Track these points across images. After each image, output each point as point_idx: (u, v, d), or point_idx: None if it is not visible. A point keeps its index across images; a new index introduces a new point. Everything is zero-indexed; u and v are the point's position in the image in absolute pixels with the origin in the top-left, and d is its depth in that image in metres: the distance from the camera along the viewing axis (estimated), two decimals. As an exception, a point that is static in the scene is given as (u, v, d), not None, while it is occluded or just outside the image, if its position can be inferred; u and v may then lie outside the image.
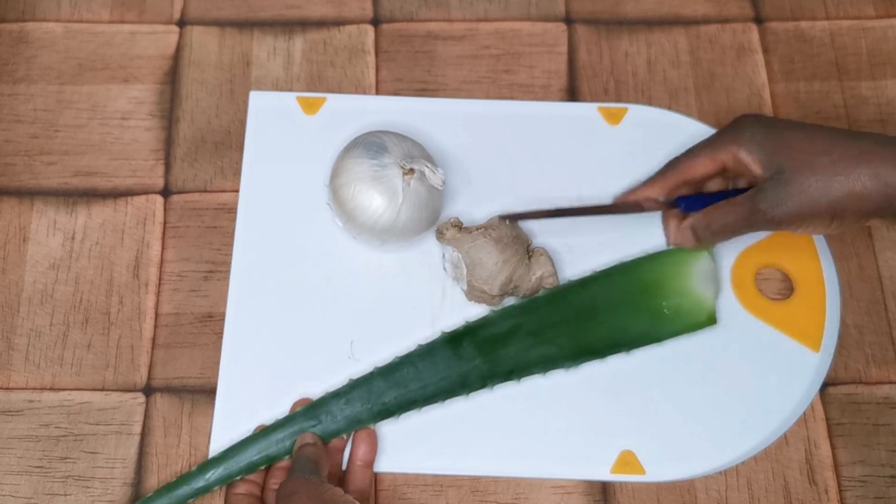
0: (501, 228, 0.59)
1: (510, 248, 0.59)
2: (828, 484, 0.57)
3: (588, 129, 0.66)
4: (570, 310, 0.59)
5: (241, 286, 0.61)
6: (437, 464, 0.57)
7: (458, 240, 0.59)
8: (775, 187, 0.55)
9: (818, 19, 0.70)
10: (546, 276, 0.59)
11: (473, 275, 0.59)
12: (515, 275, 0.59)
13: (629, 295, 0.59)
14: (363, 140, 0.59)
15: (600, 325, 0.59)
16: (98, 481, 0.57)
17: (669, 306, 0.59)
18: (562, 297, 0.59)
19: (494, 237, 0.59)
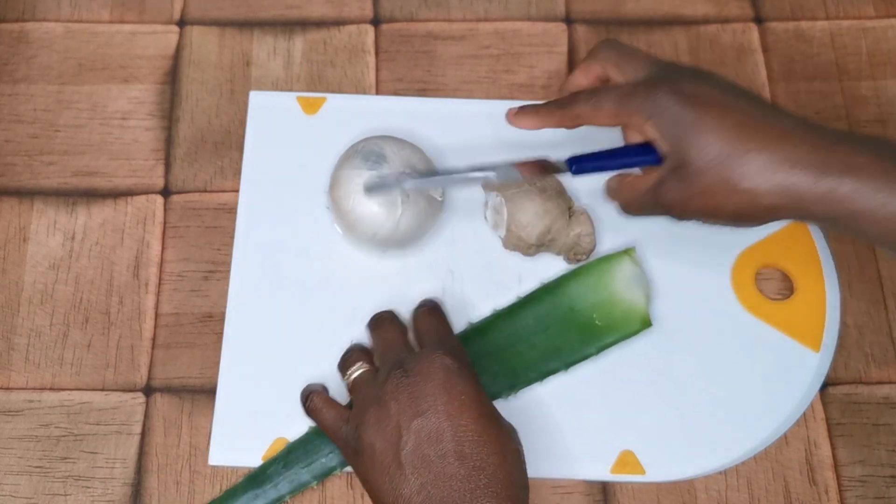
0: (547, 180, 0.60)
1: (553, 199, 0.59)
2: (828, 484, 0.57)
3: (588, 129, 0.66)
4: (499, 339, 0.59)
5: (241, 286, 0.61)
6: (437, 464, 0.57)
7: (504, 185, 0.60)
8: (678, 181, 0.51)
9: (818, 19, 0.70)
10: (584, 235, 0.59)
11: (514, 220, 0.59)
12: (554, 227, 0.59)
13: (557, 314, 0.59)
14: (362, 148, 0.59)
15: (532, 349, 0.58)
16: (98, 481, 0.57)
17: (600, 317, 0.59)
18: (489, 327, 0.59)
19: (539, 186, 0.59)
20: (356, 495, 0.57)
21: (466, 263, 0.62)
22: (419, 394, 0.49)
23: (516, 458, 0.49)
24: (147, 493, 0.57)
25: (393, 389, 0.50)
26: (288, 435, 0.58)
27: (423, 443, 0.48)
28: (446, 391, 0.49)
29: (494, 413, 0.50)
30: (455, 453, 0.48)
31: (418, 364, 0.51)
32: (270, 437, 0.58)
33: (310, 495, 0.57)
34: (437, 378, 0.50)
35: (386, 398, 0.50)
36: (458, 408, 0.49)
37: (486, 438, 0.48)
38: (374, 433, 0.50)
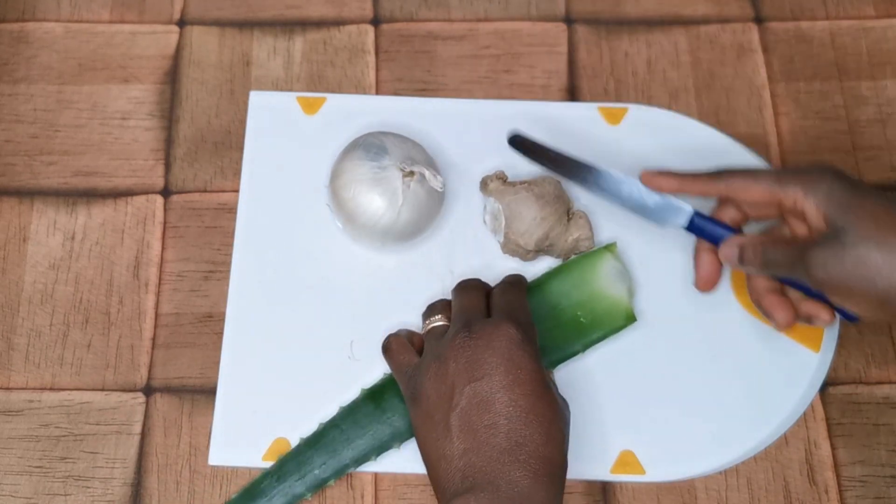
0: (545, 186, 0.60)
1: (550, 205, 0.59)
2: (828, 484, 0.57)
3: (588, 129, 0.66)
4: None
5: (241, 286, 0.61)
6: (437, 464, 0.57)
7: (501, 192, 0.60)
8: (831, 248, 0.50)
9: (818, 19, 0.70)
10: (582, 239, 0.59)
11: (511, 227, 0.59)
12: (553, 233, 0.59)
13: (541, 313, 0.58)
14: (363, 141, 0.59)
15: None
16: (98, 481, 0.57)
17: (585, 314, 0.59)
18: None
19: (536, 193, 0.59)
20: (356, 495, 0.57)
21: (467, 263, 0.62)
22: (478, 359, 0.50)
23: (560, 439, 0.50)
24: (147, 493, 0.57)
25: (455, 349, 0.51)
26: (288, 435, 0.58)
27: (473, 409, 0.49)
28: (504, 361, 0.50)
29: (548, 392, 0.50)
30: (501, 426, 0.48)
31: (484, 329, 0.51)
32: (270, 437, 0.58)
33: (310, 495, 0.57)
34: (498, 346, 0.50)
35: (447, 356, 0.51)
36: (513, 380, 0.49)
37: (533, 415, 0.49)
38: (431, 387, 0.51)
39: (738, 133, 0.66)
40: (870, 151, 0.66)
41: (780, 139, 0.66)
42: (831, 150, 0.66)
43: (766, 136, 0.66)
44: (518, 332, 0.51)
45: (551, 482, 0.48)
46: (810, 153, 0.66)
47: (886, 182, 0.65)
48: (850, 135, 0.66)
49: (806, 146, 0.66)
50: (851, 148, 0.66)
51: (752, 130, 0.66)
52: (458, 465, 0.48)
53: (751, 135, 0.66)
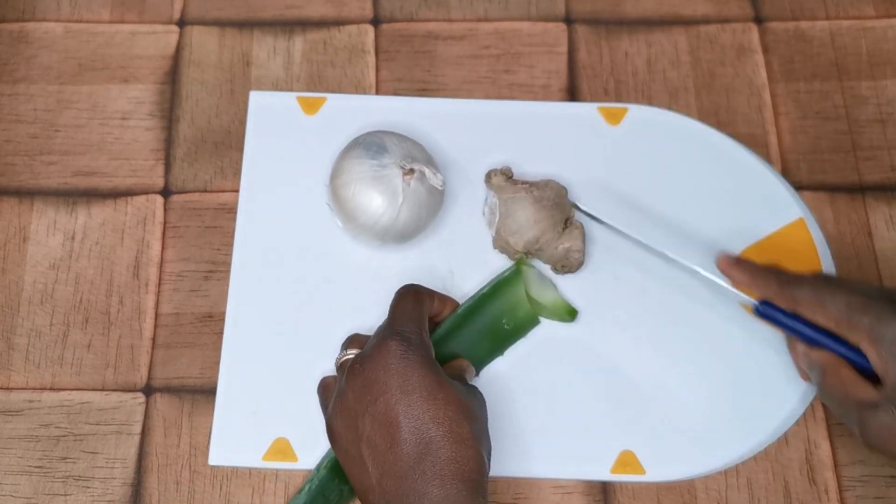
0: (546, 190, 0.60)
1: (546, 210, 0.59)
2: (828, 484, 0.57)
3: (588, 129, 0.66)
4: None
5: (241, 286, 0.61)
6: (437, 464, 0.57)
7: (502, 188, 0.60)
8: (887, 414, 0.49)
9: (818, 19, 0.70)
10: (573, 251, 0.59)
11: (504, 225, 0.59)
12: (543, 238, 0.59)
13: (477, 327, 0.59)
14: (363, 140, 0.59)
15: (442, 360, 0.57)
16: (98, 481, 0.57)
17: (510, 321, 0.59)
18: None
19: (535, 196, 0.59)
20: (356, 495, 0.57)
21: (467, 263, 0.62)
22: (371, 381, 0.50)
23: (468, 435, 0.48)
24: (147, 493, 0.57)
25: (351, 379, 0.51)
26: (288, 435, 0.58)
27: (376, 433, 0.49)
28: (393, 375, 0.49)
29: (444, 391, 0.49)
30: (403, 441, 0.48)
31: (370, 351, 0.51)
32: (270, 437, 0.58)
33: (310, 495, 0.57)
34: (385, 363, 0.50)
35: (345, 389, 0.51)
36: (405, 391, 0.49)
37: (431, 419, 0.48)
38: (339, 423, 0.51)
39: (738, 133, 0.66)
40: (870, 151, 0.66)
41: (780, 139, 0.66)
42: (831, 150, 0.66)
43: (766, 136, 0.66)
44: (400, 343, 0.50)
45: (462, 486, 0.47)
46: (810, 153, 0.66)
47: (886, 182, 0.65)
48: (850, 135, 0.66)
49: (806, 146, 0.66)
50: (851, 148, 0.66)
51: (752, 130, 0.66)
52: (378, 493, 0.48)
53: (751, 135, 0.66)
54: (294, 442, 0.58)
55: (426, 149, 0.61)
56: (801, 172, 0.65)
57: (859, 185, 0.65)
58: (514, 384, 0.59)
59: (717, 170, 0.64)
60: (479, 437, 0.49)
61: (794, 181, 0.65)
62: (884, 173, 0.65)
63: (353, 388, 0.50)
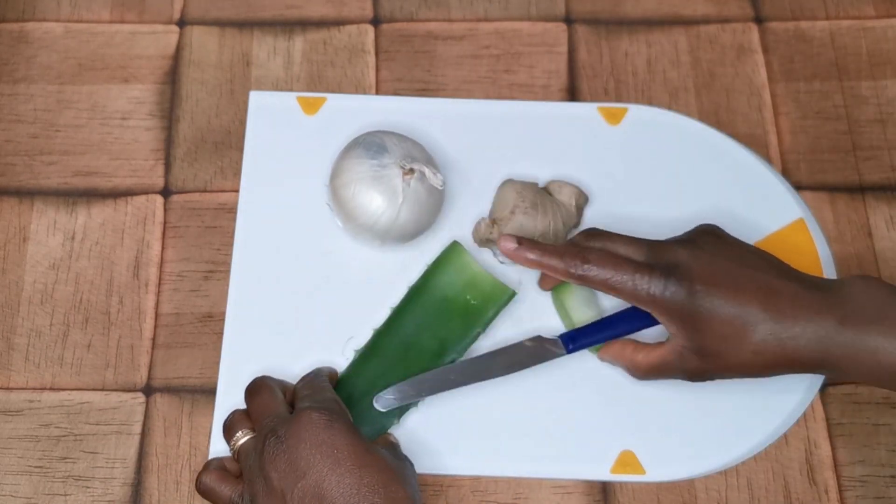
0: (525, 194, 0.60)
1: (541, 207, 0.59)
2: (828, 484, 0.57)
3: (588, 129, 0.66)
4: (387, 355, 0.59)
5: (241, 286, 0.61)
6: (437, 464, 0.57)
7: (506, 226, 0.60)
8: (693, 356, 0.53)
9: (818, 19, 0.70)
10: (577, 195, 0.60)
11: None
12: (555, 223, 0.60)
13: (433, 308, 0.59)
14: (363, 140, 0.59)
15: (423, 352, 0.58)
16: (98, 481, 0.57)
17: (474, 296, 0.59)
18: (374, 349, 0.59)
19: (529, 204, 0.59)
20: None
21: (466, 263, 0.62)
22: (295, 457, 0.48)
23: (402, 497, 0.48)
24: (147, 493, 0.57)
25: (271, 458, 0.49)
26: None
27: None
28: (319, 448, 0.48)
29: (373, 458, 0.49)
30: None
31: (289, 426, 0.49)
32: (270, 437, 0.58)
33: None
34: (308, 437, 0.49)
35: (267, 468, 0.49)
36: (334, 462, 0.48)
37: (365, 489, 0.47)
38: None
39: (737, 133, 0.66)
40: (870, 151, 0.66)
41: (780, 139, 0.66)
42: (831, 150, 0.66)
43: (766, 136, 0.66)
44: (321, 414, 0.49)
45: None
46: (810, 153, 0.66)
47: (886, 182, 0.65)
48: (850, 135, 0.66)
49: (806, 146, 0.66)
50: (851, 148, 0.66)
51: (752, 130, 0.66)
52: None
53: (751, 135, 0.66)
54: (294, 442, 0.57)
55: (426, 149, 0.61)
56: (801, 172, 0.65)
57: (859, 185, 0.65)
58: (514, 384, 0.59)
59: (716, 170, 0.64)
60: (413, 501, 0.49)
61: (794, 181, 0.65)
62: (884, 173, 0.65)
63: (275, 468, 0.48)
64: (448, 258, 0.60)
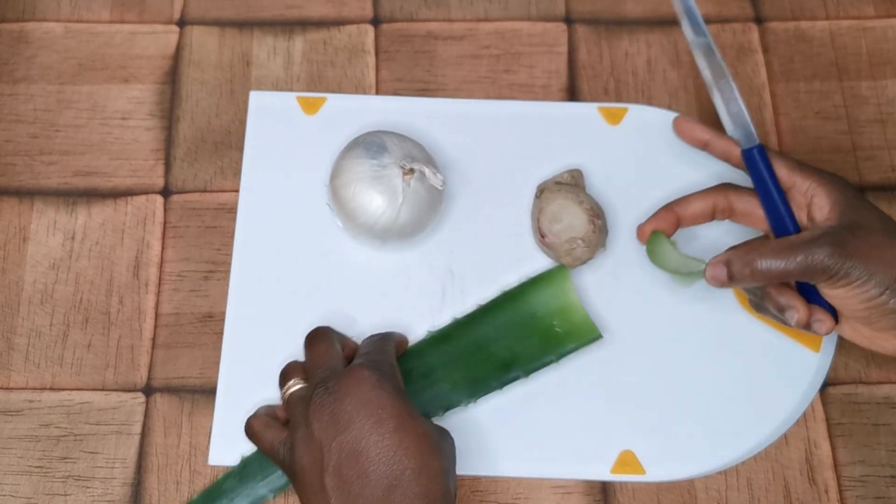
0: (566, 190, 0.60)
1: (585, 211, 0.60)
2: (828, 484, 0.57)
3: (588, 129, 0.66)
4: (458, 348, 0.59)
5: (241, 286, 0.61)
6: (437, 464, 0.57)
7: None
8: (841, 235, 0.51)
9: (818, 19, 0.70)
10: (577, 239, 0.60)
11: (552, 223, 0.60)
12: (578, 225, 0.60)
13: (517, 321, 0.59)
14: (363, 140, 0.59)
15: (492, 357, 0.58)
16: (98, 481, 0.57)
17: (560, 324, 0.59)
18: (448, 337, 0.59)
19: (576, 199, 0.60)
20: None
21: (466, 263, 0.62)
22: (339, 411, 0.49)
23: (438, 469, 0.48)
24: (147, 493, 0.57)
25: (316, 408, 0.49)
26: (288, 435, 0.58)
27: (343, 462, 0.48)
28: (365, 406, 0.49)
29: (417, 425, 0.49)
30: (372, 472, 0.47)
31: (340, 380, 0.50)
32: (270, 437, 0.58)
33: (310, 495, 0.57)
34: (356, 393, 0.49)
35: (311, 418, 0.50)
36: (376, 422, 0.48)
37: (402, 451, 0.48)
38: (302, 454, 0.49)
39: (738, 133, 0.66)
40: (870, 151, 0.66)
41: (780, 139, 0.66)
42: (831, 150, 0.66)
43: (766, 136, 0.66)
44: (373, 373, 0.50)
45: None
46: (810, 153, 0.66)
47: (886, 182, 0.65)
48: (850, 135, 0.66)
49: (806, 146, 0.66)
50: (851, 148, 0.66)
51: (752, 130, 0.66)
52: None
53: (751, 135, 0.66)
54: (294, 442, 0.58)
55: (426, 149, 0.61)
56: (801, 172, 0.65)
57: (859, 185, 0.65)
58: (514, 384, 0.59)
59: (717, 170, 0.64)
60: (448, 475, 0.49)
61: (794, 181, 0.65)
62: (884, 173, 0.65)
63: (319, 419, 0.49)
64: (550, 278, 0.60)
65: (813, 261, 0.51)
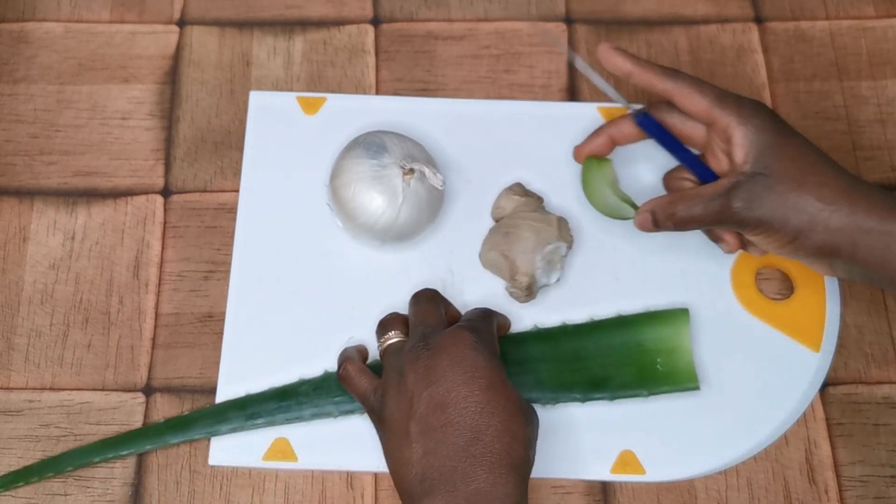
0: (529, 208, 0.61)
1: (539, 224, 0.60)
2: (828, 484, 0.57)
3: (588, 129, 0.66)
4: (558, 350, 0.59)
5: (241, 286, 0.61)
6: (438, 464, 0.57)
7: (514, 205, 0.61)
8: (753, 187, 0.53)
9: (818, 19, 0.70)
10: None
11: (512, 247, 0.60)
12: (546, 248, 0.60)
13: (623, 347, 0.59)
14: (363, 140, 0.59)
15: (586, 370, 0.58)
16: (98, 481, 0.57)
17: (664, 363, 0.58)
18: (555, 335, 0.59)
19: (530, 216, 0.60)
20: (356, 495, 0.57)
21: (467, 263, 0.62)
22: (434, 366, 0.50)
23: (521, 434, 0.49)
24: (147, 493, 0.57)
25: (412, 361, 0.51)
26: (288, 435, 0.58)
27: (430, 412, 0.49)
28: (459, 362, 0.50)
29: (506, 387, 0.50)
30: (457, 422, 0.48)
31: (439, 338, 0.52)
32: (270, 437, 0.58)
33: (310, 496, 0.57)
34: (452, 351, 0.51)
35: (406, 369, 0.51)
36: (468, 378, 0.50)
37: (489, 408, 0.49)
38: (393, 403, 0.51)
39: (738, 133, 0.66)
40: (870, 151, 0.66)
41: (780, 139, 0.66)
42: (831, 150, 0.65)
43: (766, 136, 0.66)
44: (472, 335, 0.51)
45: (510, 475, 0.48)
46: (810, 153, 0.66)
47: (886, 182, 0.65)
48: (850, 135, 0.66)
49: (806, 146, 0.66)
50: (851, 148, 0.66)
51: (752, 130, 0.66)
52: (417, 469, 0.48)
53: (751, 135, 0.66)
54: (294, 442, 0.58)
55: (426, 149, 0.61)
56: (801, 172, 0.65)
57: (859, 185, 0.65)
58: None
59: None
60: (530, 443, 0.50)
61: (794, 181, 0.65)
62: (884, 173, 0.65)
63: (414, 370, 0.51)
64: (669, 317, 0.59)
65: (727, 212, 0.54)
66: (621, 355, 0.59)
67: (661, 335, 0.59)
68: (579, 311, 0.60)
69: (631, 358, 0.58)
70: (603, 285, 0.61)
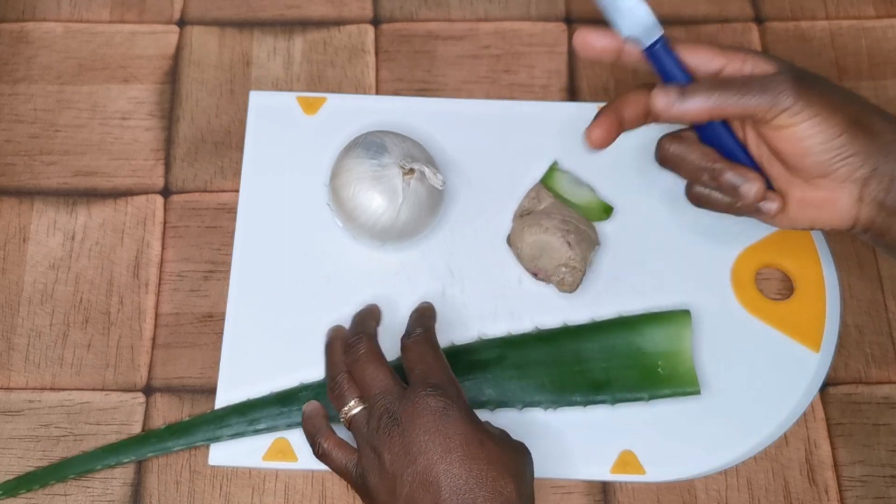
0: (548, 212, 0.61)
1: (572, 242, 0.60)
2: (828, 484, 0.57)
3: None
4: (559, 353, 0.59)
5: (241, 286, 0.61)
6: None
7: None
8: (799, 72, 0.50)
9: (818, 19, 0.70)
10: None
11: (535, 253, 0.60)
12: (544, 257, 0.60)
13: (624, 350, 0.58)
14: (363, 140, 0.59)
15: (587, 373, 0.58)
16: (98, 481, 0.57)
17: (664, 367, 0.58)
18: (552, 340, 0.59)
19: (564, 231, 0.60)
20: (355, 495, 0.57)
21: (467, 264, 0.62)
22: (410, 441, 0.49)
23: (510, 492, 0.48)
24: (147, 493, 0.57)
25: (386, 440, 0.50)
26: (288, 435, 0.58)
27: (416, 492, 0.48)
28: (434, 435, 0.49)
29: (487, 449, 0.49)
30: (444, 501, 0.47)
31: (405, 409, 0.50)
32: (270, 437, 0.58)
33: (310, 496, 0.57)
34: (423, 423, 0.49)
35: (381, 449, 0.50)
36: (446, 450, 0.48)
37: (473, 480, 0.48)
38: (376, 481, 0.50)
39: (738, 133, 0.66)
40: (870, 151, 0.66)
41: (780, 139, 0.66)
42: (831, 150, 0.66)
43: (766, 136, 0.66)
44: (437, 400, 0.50)
45: None
46: (810, 153, 0.66)
47: (886, 182, 0.65)
48: (850, 135, 0.66)
49: (806, 146, 0.66)
50: (851, 148, 0.66)
51: (752, 130, 0.66)
52: None
53: (751, 135, 0.66)
54: (294, 442, 0.58)
55: (426, 149, 0.61)
56: (801, 172, 0.65)
57: (859, 185, 0.65)
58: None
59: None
60: (522, 497, 0.49)
61: (794, 181, 0.65)
62: (884, 173, 0.65)
63: (390, 450, 0.49)
64: (671, 319, 0.59)
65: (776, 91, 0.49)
66: (623, 358, 0.58)
67: (662, 337, 0.59)
68: (579, 311, 0.60)
69: (632, 361, 0.58)
70: (603, 285, 0.61)
